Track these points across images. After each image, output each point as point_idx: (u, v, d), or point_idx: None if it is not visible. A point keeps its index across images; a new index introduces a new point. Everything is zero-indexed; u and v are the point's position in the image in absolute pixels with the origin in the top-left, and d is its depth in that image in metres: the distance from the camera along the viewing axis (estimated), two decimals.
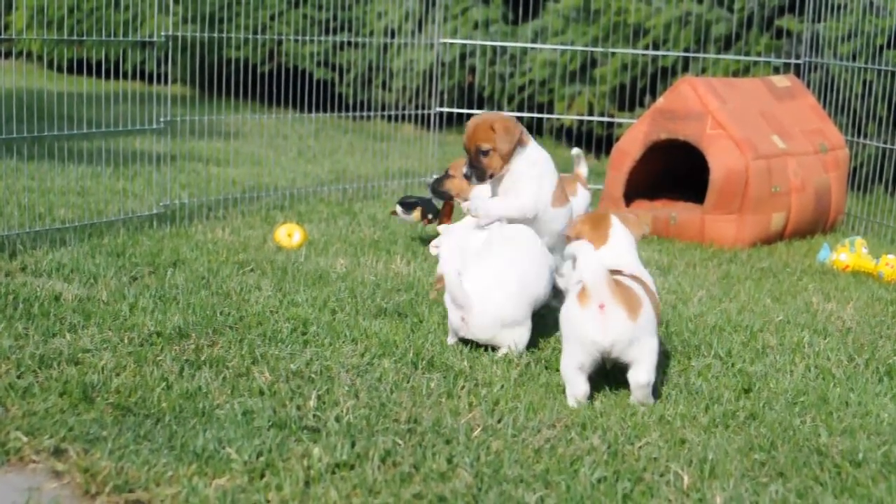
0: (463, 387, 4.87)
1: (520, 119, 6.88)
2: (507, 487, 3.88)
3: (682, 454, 4.25)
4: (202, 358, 5.04)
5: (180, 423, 4.29)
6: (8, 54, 17.19)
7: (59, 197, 8.50)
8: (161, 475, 3.83)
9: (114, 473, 3.83)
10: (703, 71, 12.19)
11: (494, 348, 5.43)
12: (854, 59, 10.56)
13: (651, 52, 11.61)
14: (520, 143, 5.90)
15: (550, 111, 13.71)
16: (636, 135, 8.82)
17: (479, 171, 5.91)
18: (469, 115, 7.21)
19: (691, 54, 11.66)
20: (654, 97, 12.17)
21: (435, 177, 7.50)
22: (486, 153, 5.84)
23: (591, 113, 13.08)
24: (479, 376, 5.01)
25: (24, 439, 4.08)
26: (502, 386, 4.90)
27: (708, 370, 5.29)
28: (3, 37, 8.38)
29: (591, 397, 4.82)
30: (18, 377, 4.71)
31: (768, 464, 4.21)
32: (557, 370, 5.08)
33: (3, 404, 4.42)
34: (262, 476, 3.87)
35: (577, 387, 4.76)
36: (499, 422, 4.48)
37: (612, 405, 4.76)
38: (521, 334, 5.44)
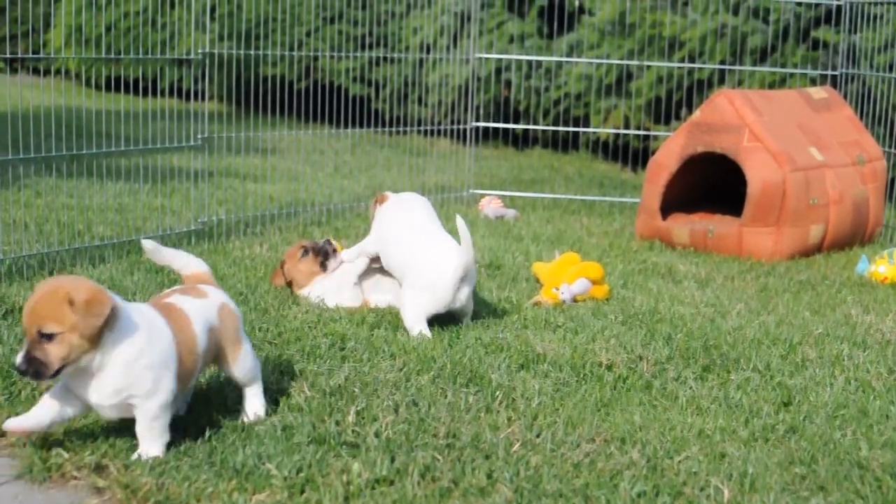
0: (501, 401, 4.86)
1: (555, 133, 6.86)
2: (547, 502, 3.88)
3: (722, 468, 4.23)
4: None
5: (220, 439, 4.31)
6: (46, 72, 17.32)
7: (98, 214, 8.54)
8: (201, 491, 3.84)
9: (154, 489, 3.84)
10: (740, 83, 12.16)
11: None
12: (891, 69, 10.51)
13: (687, 65, 11.60)
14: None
15: (586, 125, 13.70)
16: (673, 148, 8.80)
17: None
18: (505, 130, 7.21)
19: (727, 67, 11.64)
20: (690, 110, 12.15)
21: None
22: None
23: (627, 126, 13.06)
24: (518, 391, 5.00)
25: (66, 455, 4.10)
26: (541, 401, 4.90)
27: (747, 383, 5.27)
28: (41, 55, 8.43)
29: (629, 411, 4.81)
30: None
31: (809, 477, 4.19)
32: (597, 383, 5.08)
33: None
34: (302, 492, 3.88)
35: None
36: (538, 436, 4.48)
37: (651, 419, 4.75)
38: None
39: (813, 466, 4.29)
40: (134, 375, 4.07)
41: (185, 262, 4.80)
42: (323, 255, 6.48)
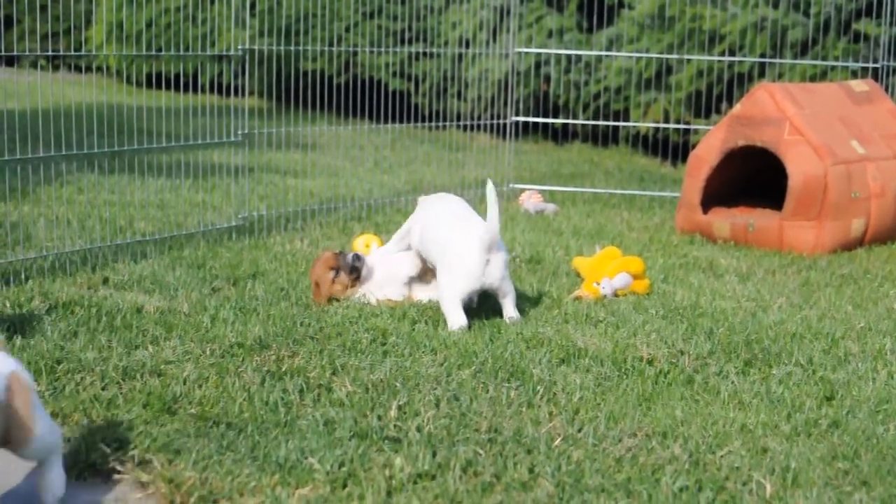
0: (543, 396, 4.86)
1: (595, 127, 6.86)
2: (589, 497, 3.88)
3: (765, 463, 4.22)
4: (283, 369, 5.07)
5: (262, 433, 4.33)
6: (87, 69, 17.41)
7: (140, 210, 8.59)
8: (245, 485, 3.86)
9: (198, 484, 3.86)
10: (780, 76, 12.11)
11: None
12: None
13: (727, 59, 11.54)
14: None
15: (626, 119, 13.66)
16: (713, 142, 8.77)
17: None
18: (545, 125, 7.20)
19: (768, 60, 11.59)
20: (730, 104, 12.09)
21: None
22: None
23: (666, 120, 13.02)
24: (559, 385, 5.00)
25: (109, 450, 4.13)
26: (582, 395, 4.90)
27: (789, 378, 5.25)
28: (82, 52, 8.48)
29: (671, 406, 4.81)
30: (103, 389, 4.78)
31: (852, 472, 4.18)
32: (638, 378, 5.09)
33: (88, 416, 4.48)
34: (345, 486, 3.89)
35: None
36: (579, 431, 4.48)
37: (693, 414, 4.74)
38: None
39: (856, 461, 4.28)
40: None
41: None
42: (355, 273, 6.43)
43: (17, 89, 10.99)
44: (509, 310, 6.13)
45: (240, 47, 8.52)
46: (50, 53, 7.36)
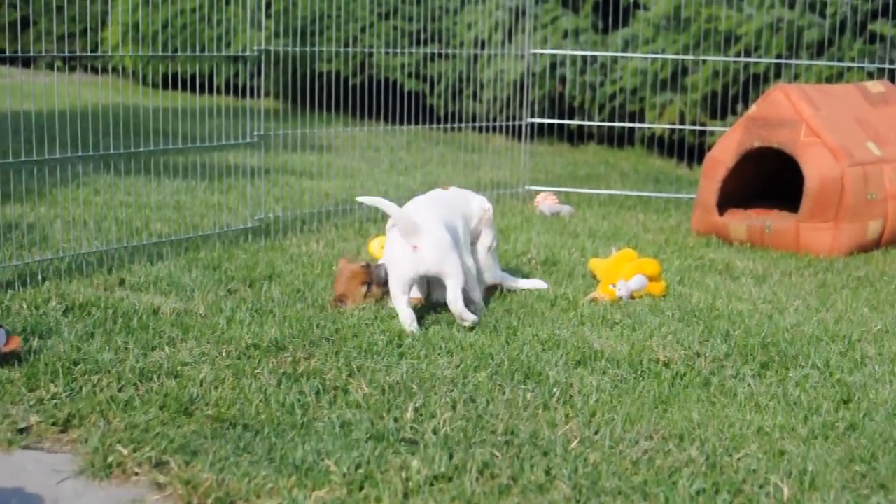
0: (559, 398, 4.86)
1: (610, 129, 6.87)
2: (606, 499, 3.88)
3: (782, 466, 4.21)
4: (299, 370, 5.08)
5: (279, 435, 4.33)
6: (103, 70, 17.44)
7: (156, 211, 8.60)
8: (261, 487, 3.86)
9: (215, 485, 3.87)
10: (796, 77, 12.09)
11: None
12: None
13: (743, 60, 11.53)
14: None
15: (642, 120, 13.66)
16: (729, 143, 8.76)
17: None
18: (560, 126, 7.20)
19: (783, 61, 11.57)
20: (746, 105, 12.08)
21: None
22: None
23: (682, 121, 13.00)
24: (576, 388, 5.00)
25: (126, 452, 4.13)
26: (598, 398, 4.89)
27: (806, 381, 5.24)
28: (98, 53, 8.50)
29: (688, 408, 4.80)
30: (119, 390, 4.78)
31: (869, 475, 4.17)
32: (654, 380, 5.09)
33: (104, 417, 4.49)
34: (362, 488, 3.89)
35: None
36: (596, 433, 4.48)
37: (710, 416, 4.73)
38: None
39: (873, 464, 4.27)
40: None
41: None
42: (384, 285, 6.42)
43: (33, 90, 11.03)
44: (449, 295, 6.00)
45: (255, 48, 8.54)
46: (66, 55, 7.37)
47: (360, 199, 6.09)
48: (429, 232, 5.97)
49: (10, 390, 4.74)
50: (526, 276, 7.18)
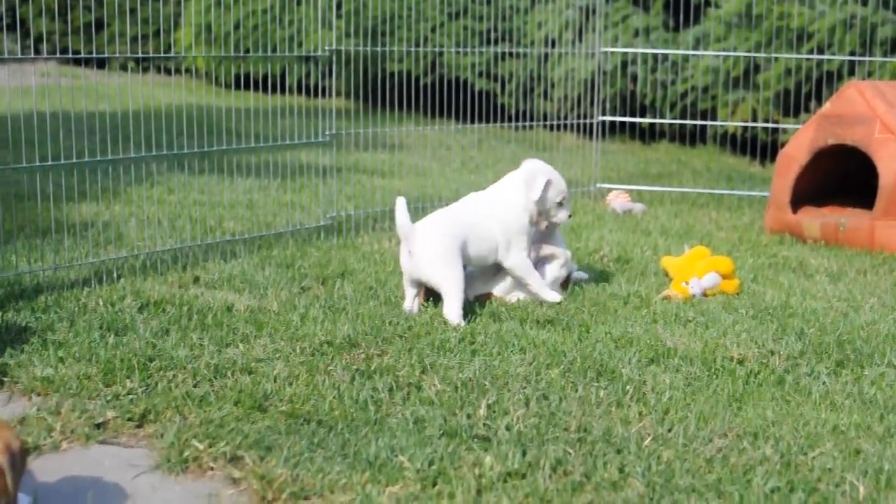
0: (632, 396, 4.85)
1: (682, 126, 6.83)
2: (680, 497, 3.85)
3: (857, 464, 4.17)
4: (372, 367, 5.09)
5: (353, 431, 4.35)
6: (175, 71, 17.57)
7: (229, 210, 8.66)
8: (335, 482, 3.87)
9: (289, 480, 3.89)
10: (870, 74, 11.97)
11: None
12: None
13: (815, 57, 11.43)
14: None
15: (714, 118, 13.58)
16: (802, 140, 8.69)
17: None
18: (631, 124, 7.18)
19: (857, 58, 11.45)
20: (819, 102, 11.98)
21: None
22: None
23: (754, 119, 12.92)
24: (649, 385, 4.98)
25: (202, 447, 4.16)
26: (672, 395, 4.87)
27: (882, 379, 5.18)
28: (171, 54, 8.56)
29: (762, 406, 4.77)
30: (195, 386, 4.82)
31: None
32: (728, 378, 5.06)
33: (180, 413, 4.52)
34: (435, 484, 3.90)
35: None
36: (669, 431, 4.45)
37: (784, 414, 4.69)
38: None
39: None
40: None
41: None
42: None
43: (107, 91, 11.12)
44: (445, 308, 6.05)
45: (326, 48, 8.57)
46: (140, 55, 7.44)
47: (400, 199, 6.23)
48: (423, 241, 6.12)
49: (87, 386, 4.79)
50: (598, 273, 7.17)
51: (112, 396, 4.69)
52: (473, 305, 6.26)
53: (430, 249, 6.06)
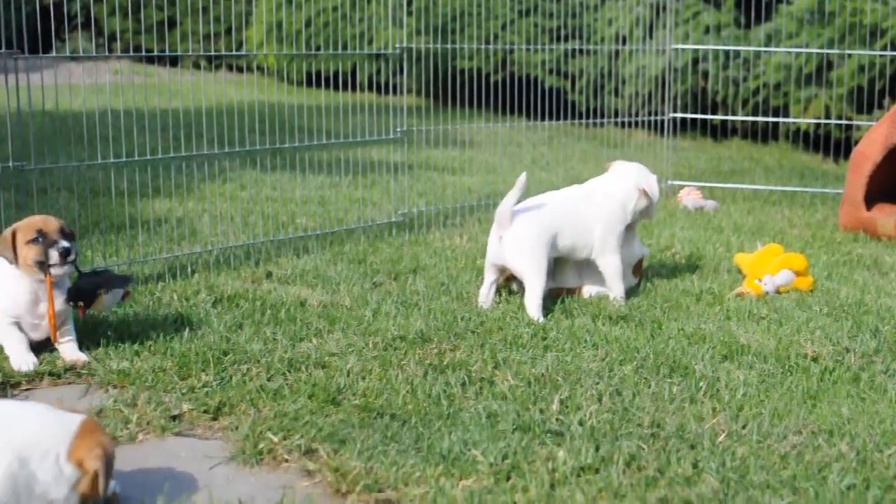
0: (705, 392, 4.83)
1: (754, 124, 6.80)
2: (754, 493, 3.84)
3: None
4: (445, 362, 5.10)
5: (426, 425, 4.36)
6: (247, 69, 17.67)
7: (301, 206, 8.71)
8: (409, 476, 3.89)
9: (364, 473, 3.91)
10: None
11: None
12: None
13: (889, 53, 11.30)
14: None
15: (786, 115, 13.49)
16: (876, 137, 8.61)
17: None
18: (703, 121, 7.15)
19: None
20: (893, 99, 11.86)
21: None
22: None
23: (827, 116, 12.82)
24: (722, 382, 4.96)
25: (276, 439, 4.19)
26: (745, 392, 4.85)
27: None
28: (242, 52, 8.61)
29: (837, 404, 4.73)
30: (269, 379, 4.85)
31: None
32: (802, 375, 5.03)
33: (255, 405, 4.56)
34: (508, 478, 3.90)
35: None
36: (743, 427, 4.43)
37: (860, 412, 4.66)
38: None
39: None
40: None
41: None
42: None
43: (180, 89, 11.22)
44: (526, 299, 6.10)
45: (397, 46, 8.59)
46: (212, 53, 7.49)
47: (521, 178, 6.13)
48: (515, 229, 6.09)
49: (162, 378, 4.84)
50: (670, 270, 7.15)
51: (187, 389, 4.74)
52: (545, 300, 6.25)
53: (521, 240, 6.07)
